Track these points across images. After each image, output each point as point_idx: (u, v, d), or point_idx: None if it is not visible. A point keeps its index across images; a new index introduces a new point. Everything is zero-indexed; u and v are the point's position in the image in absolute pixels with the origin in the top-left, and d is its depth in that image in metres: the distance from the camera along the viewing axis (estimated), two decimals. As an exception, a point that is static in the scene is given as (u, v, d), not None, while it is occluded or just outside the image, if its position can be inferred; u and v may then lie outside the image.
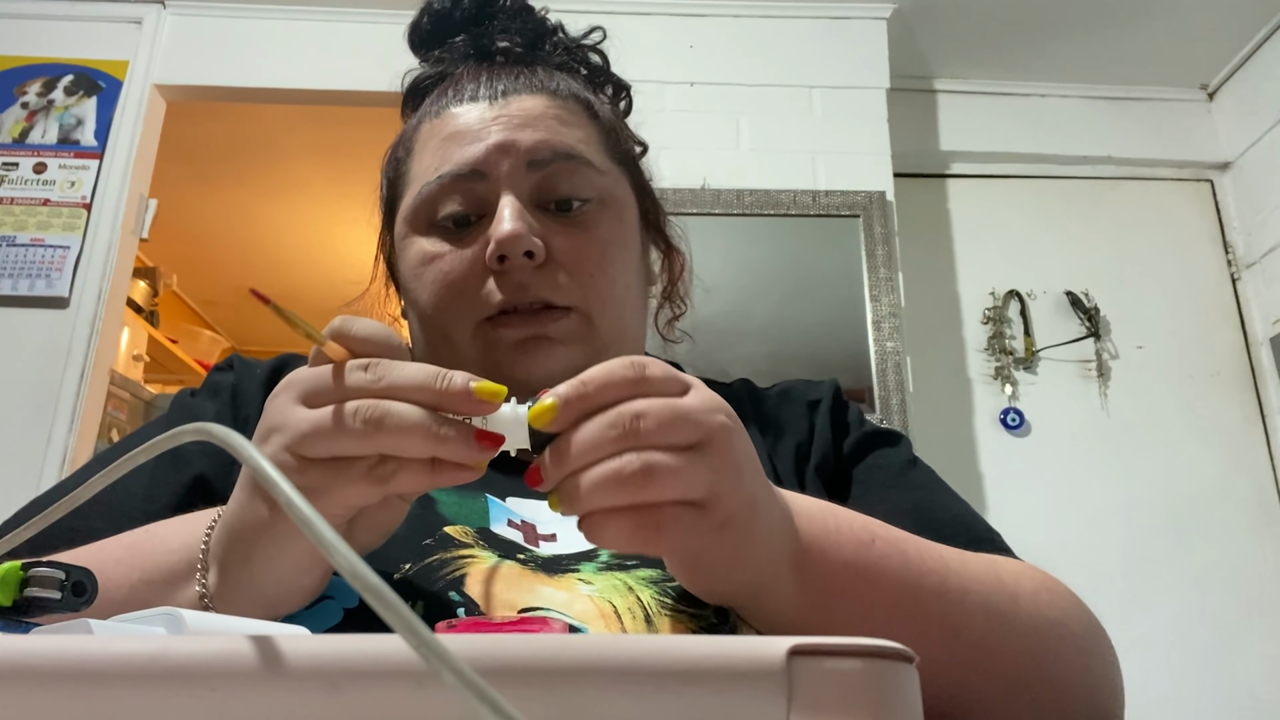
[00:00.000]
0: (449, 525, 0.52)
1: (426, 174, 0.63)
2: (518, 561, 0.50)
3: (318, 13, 2.38)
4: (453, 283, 0.61)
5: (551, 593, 0.48)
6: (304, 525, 0.23)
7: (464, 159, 0.61)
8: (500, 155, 0.61)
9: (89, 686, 0.20)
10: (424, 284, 0.62)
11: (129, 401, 2.44)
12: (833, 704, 0.20)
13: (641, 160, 0.73)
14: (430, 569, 0.48)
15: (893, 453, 0.66)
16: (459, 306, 0.61)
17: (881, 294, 2.13)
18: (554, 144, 0.62)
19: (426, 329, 0.64)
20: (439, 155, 0.63)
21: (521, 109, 0.63)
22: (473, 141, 0.62)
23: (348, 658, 0.20)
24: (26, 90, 2.28)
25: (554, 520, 0.56)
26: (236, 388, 0.65)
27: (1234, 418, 2.37)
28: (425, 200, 0.62)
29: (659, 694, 0.20)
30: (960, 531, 0.58)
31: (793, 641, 0.21)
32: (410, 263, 0.64)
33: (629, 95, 0.78)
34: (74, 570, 0.31)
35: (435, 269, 0.62)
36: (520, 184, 0.61)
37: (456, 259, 0.61)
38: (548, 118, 0.64)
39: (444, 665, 0.18)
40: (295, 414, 0.39)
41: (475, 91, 0.65)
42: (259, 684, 0.20)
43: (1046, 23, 2.40)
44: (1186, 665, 2.13)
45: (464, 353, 0.62)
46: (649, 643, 0.21)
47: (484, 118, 0.63)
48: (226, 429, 0.30)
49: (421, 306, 0.63)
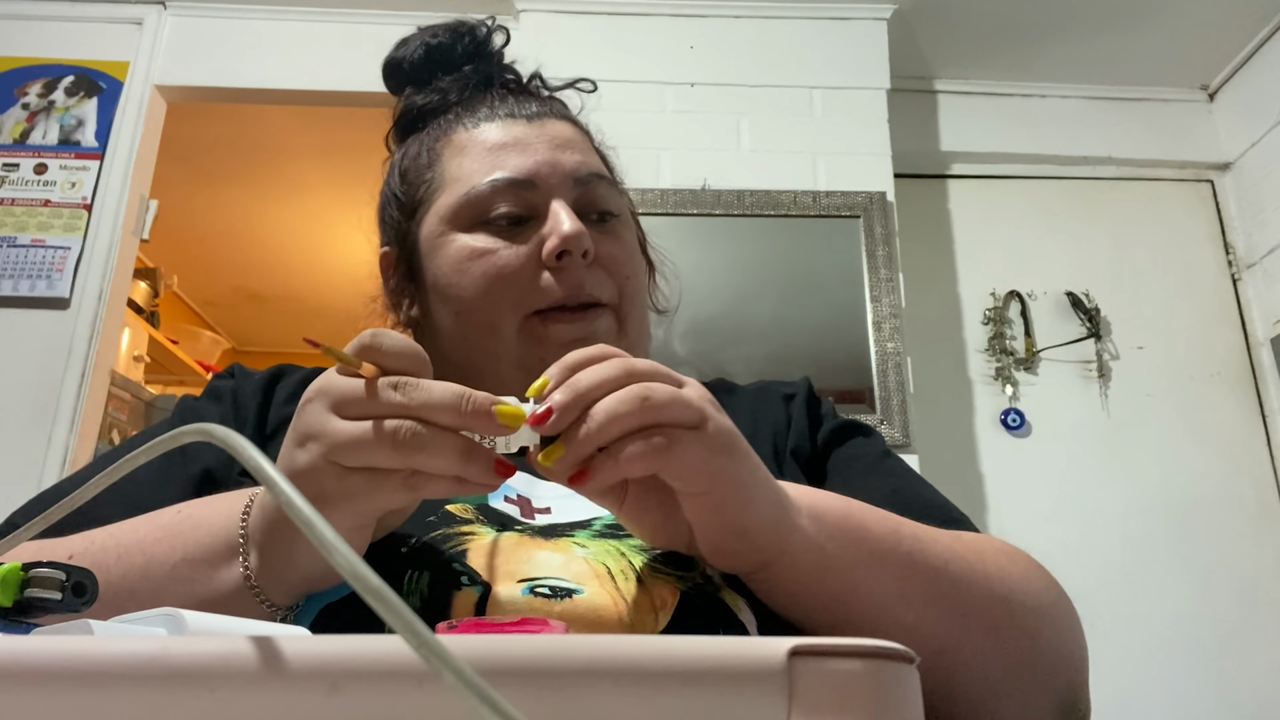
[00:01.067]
0: (451, 504, 0.56)
1: (473, 176, 0.68)
2: (515, 532, 0.54)
3: (319, 14, 2.38)
4: (508, 275, 0.65)
5: (548, 556, 0.51)
6: (305, 526, 0.23)
7: (518, 167, 0.67)
8: (550, 170, 0.68)
9: (89, 687, 0.20)
10: (472, 277, 0.66)
11: (129, 402, 2.44)
12: (833, 704, 0.20)
13: None
14: (435, 543, 0.52)
15: (868, 443, 0.71)
16: (511, 297, 0.65)
17: (882, 294, 2.13)
18: (591, 165, 0.70)
19: (469, 321, 0.68)
20: (488, 161, 0.68)
21: (556, 132, 0.71)
22: (523, 153, 0.68)
23: (348, 658, 0.20)
24: (27, 91, 2.28)
25: (548, 495, 0.59)
26: (237, 393, 0.68)
27: (1234, 418, 2.37)
28: (474, 200, 0.67)
29: (659, 694, 0.20)
30: (935, 515, 0.63)
31: (793, 642, 0.21)
32: (452, 258, 0.67)
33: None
34: (74, 571, 0.31)
35: (487, 262, 0.66)
36: (567, 195, 0.67)
37: (511, 254, 0.66)
38: (577, 141, 0.72)
39: (445, 666, 0.18)
40: (332, 424, 0.42)
41: (512, 109, 0.72)
42: (259, 684, 0.20)
43: (1047, 23, 2.40)
44: (1187, 665, 2.13)
45: (508, 344, 0.66)
46: (650, 643, 0.21)
47: (527, 134, 0.70)
48: (226, 429, 0.30)
49: (464, 301, 0.67)
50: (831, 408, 0.75)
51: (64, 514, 0.34)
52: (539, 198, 0.67)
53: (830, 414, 0.74)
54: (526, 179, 0.67)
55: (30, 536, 0.34)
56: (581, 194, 0.68)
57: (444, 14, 0.84)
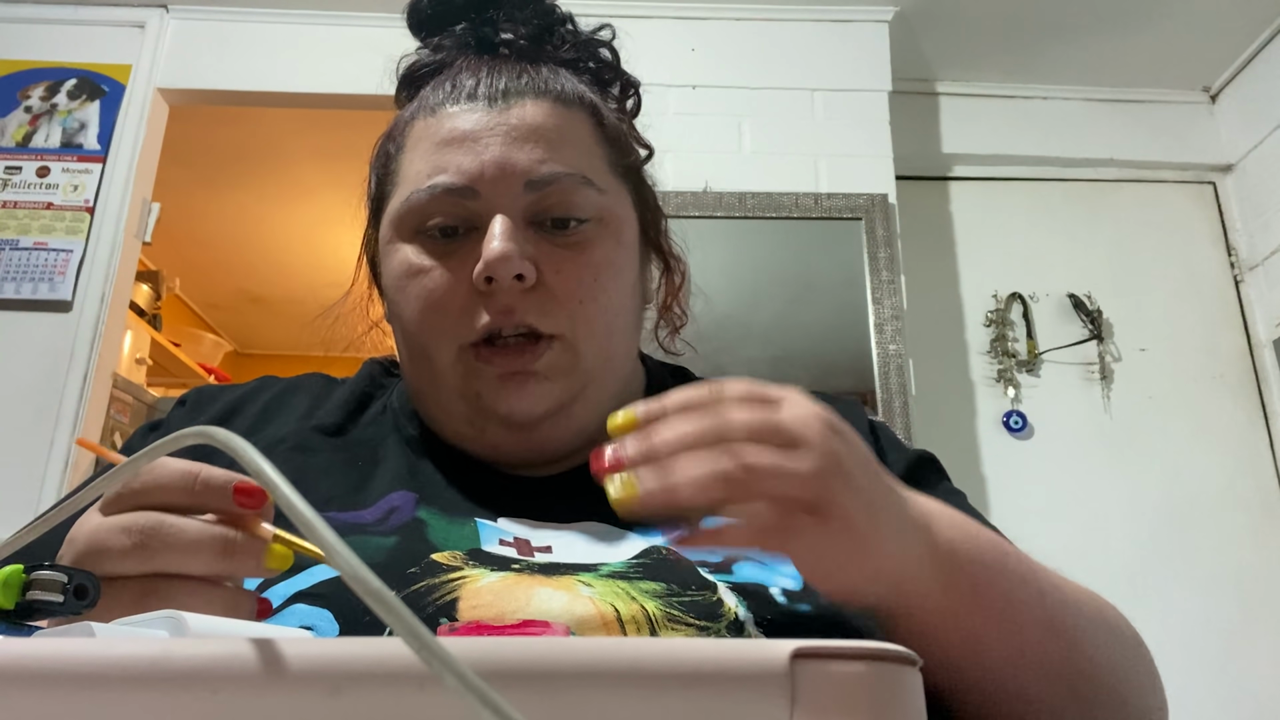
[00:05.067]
0: (436, 552, 0.50)
1: (418, 179, 0.60)
2: (513, 571, 0.49)
3: (320, 16, 2.38)
4: (437, 301, 0.58)
5: (550, 594, 0.46)
6: (305, 528, 0.23)
7: (458, 171, 0.58)
8: (496, 172, 0.58)
9: (91, 689, 0.20)
10: (408, 297, 0.60)
11: (132, 405, 2.45)
12: (836, 707, 0.20)
13: (645, 166, 0.71)
14: (417, 596, 0.46)
15: (946, 484, 0.65)
16: (443, 327, 0.58)
17: (884, 297, 2.13)
18: (553, 163, 0.59)
19: (410, 345, 0.62)
20: (431, 161, 0.59)
21: (522, 117, 0.60)
22: (469, 151, 0.58)
23: (349, 660, 0.20)
24: (30, 94, 2.28)
25: (549, 535, 0.55)
26: (182, 422, 0.64)
27: (1237, 420, 2.36)
28: (413, 208, 0.59)
29: (662, 696, 0.20)
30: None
31: (796, 644, 0.21)
32: (394, 271, 0.61)
33: (638, 94, 0.75)
34: (76, 574, 0.31)
35: (419, 284, 0.59)
36: (515, 203, 0.58)
37: (442, 276, 0.58)
38: (549, 129, 0.60)
39: (446, 669, 0.18)
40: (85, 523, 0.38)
41: (474, 89, 0.61)
42: (261, 687, 0.20)
43: (1048, 25, 2.39)
44: (1191, 668, 2.13)
45: (445, 376, 0.59)
46: (652, 645, 0.21)
47: (482, 124, 0.59)
48: (229, 433, 0.29)
49: (404, 321, 0.61)
50: (891, 437, 0.69)
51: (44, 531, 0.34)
52: (482, 206, 0.58)
53: (891, 446, 0.67)
54: (466, 185, 0.58)
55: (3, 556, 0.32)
56: (537, 199, 0.58)
57: (446, 17, 0.83)
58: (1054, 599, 0.47)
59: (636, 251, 0.66)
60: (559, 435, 0.61)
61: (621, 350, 0.64)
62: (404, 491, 0.57)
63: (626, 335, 0.64)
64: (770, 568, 0.53)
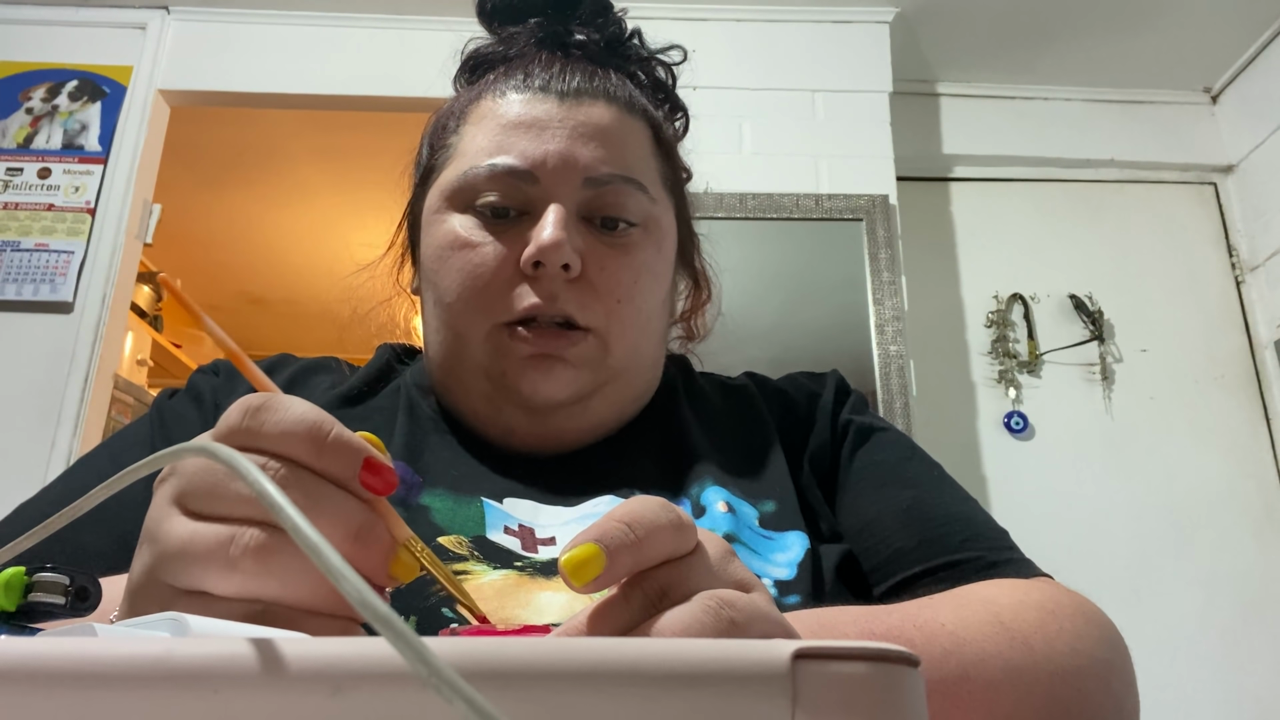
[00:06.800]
0: (443, 535, 0.51)
1: (477, 155, 0.61)
2: (515, 569, 0.49)
3: (322, 18, 2.38)
4: (480, 276, 0.59)
5: (551, 597, 0.47)
6: (311, 551, 0.23)
7: (522, 155, 0.59)
8: (559, 163, 0.59)
9: (92, 689, 0.20)
10: (449, 268, 0.60)
11: (133, 406, 2.45)
12: (837, 707, 0.20)
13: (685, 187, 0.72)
14: (424, 583, 0.46)
15: (891, 445, 0.65)
16: (481, 303, 0.59)
17: (884, 298, 2.13)
18: (613, 165, 0.61)
19: (442, 317, 0.62)
20: (495, 140, 0.61)
21: (590, 116, 0.61)
22: (535, 139, 0.60)
23: (350, 660, 0.20)
24: (31, 95, 2.29)
25: (553, 522, 0.56)
26: (218, 394, 0.63)
27: (1238, 421, 2.36)
28: (470, 182, 0.60)
29: (661, 697, 0.20)
30: (956, 530, 0.57)
31: (797, 644, 0.21)
32: (438, 240, 0.61)
33: (687, 117, 0.77)
34: (78, 576, 0.31)
35: (464, 257, 0.59)
36: (571, 196, 0.59)
37: (488, 253, 0.59)
38: (613, 132, 0.62)
39: (439, 679, 0.18)
40: (167, 524, 0.32)
41: (547, 82, 0.63)
42: (262, 687, 0.20)
43: (1049, 26, 2.40)
44: (1191, 669, 2.13)
45: (473, 351, 0.60)
46: (651, 646, 0.21)
47: (551, 115, 0.61)
48: (230, 450, 0.27)
49: (441, 291, 0.61)
50: (860, 402, 0.69)
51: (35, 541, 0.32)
52: (539, 193, 0.59)
53: (856, 410, 0.68)
54: (527, 170, 0.59)
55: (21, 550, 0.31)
56: (592, 196, 0.60)
57: (447, 17, 0.84)
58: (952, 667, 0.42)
59: (673, 264, 0.68)
60: (574, 425, 0.62)
61: (648, 355, 0.65)
62: (402, 463, 0.58)
63: (654, 341, 0.66)
64: (763, 558, 0.54)
